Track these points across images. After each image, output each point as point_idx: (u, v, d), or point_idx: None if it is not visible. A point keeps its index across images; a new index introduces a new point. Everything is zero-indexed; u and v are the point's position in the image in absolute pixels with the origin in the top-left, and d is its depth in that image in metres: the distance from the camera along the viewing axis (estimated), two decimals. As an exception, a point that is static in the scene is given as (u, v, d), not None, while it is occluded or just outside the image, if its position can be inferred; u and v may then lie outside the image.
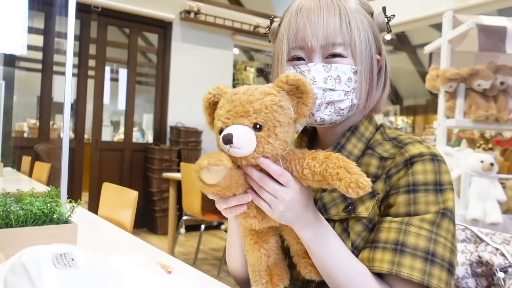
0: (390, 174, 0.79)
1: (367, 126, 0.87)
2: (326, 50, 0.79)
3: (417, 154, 0.77)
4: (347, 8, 0.78)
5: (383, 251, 0.72)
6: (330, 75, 0.78)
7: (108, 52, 5.26)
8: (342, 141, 0.85)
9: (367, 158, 0.83)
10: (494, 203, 2.20)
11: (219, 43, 5.83)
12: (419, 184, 0.75)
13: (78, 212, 1.01)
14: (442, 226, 0.73)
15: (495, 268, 0.95)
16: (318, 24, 0.77)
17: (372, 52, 0.81)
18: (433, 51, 2.82)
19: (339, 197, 0.82)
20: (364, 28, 0.80)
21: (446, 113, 2.51)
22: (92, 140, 5.07)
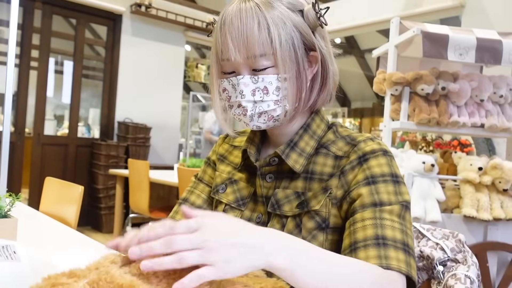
0: (344, 171, 0.80)
1: (319, 124, 0.88)
2: (251, 62, 0.77)
3: (370, 151, 0.80)
4: (266, 15, 0.76)
5: (365, 249, 0.70)
6: (257, 86, 0.78)
7: (53, 43, 5.03)
8: (294, 139, 0.85)
9: (322, 157, 0.84)
10: (434, 202, 2.31)
11: (170, 39, 5.74)
12: (377, 176, 0.77)
13: (18, 208, 0.96)
14: (406, 218, 0.75)
15: (435, 262, 1.00)
16: (239, 38, 0.76)
17: (298, 56, 0.79)
18: (381, 56, 2.92)
19: (292, 194, 0.82)
20: (287, 33, 0.77)
21: (392, 115, 2.60)
22: (34, 134, 4.84)
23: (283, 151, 0.83)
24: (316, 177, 0.82)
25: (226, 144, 1.01)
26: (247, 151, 0.89)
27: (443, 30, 2.46)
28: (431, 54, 2.37)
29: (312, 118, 0.87)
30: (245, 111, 0.79)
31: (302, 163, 0.83)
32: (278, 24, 0.76)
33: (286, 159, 0.83)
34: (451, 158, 2.68)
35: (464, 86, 2.45)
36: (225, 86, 0.81)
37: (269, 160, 0.85)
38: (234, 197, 0.90)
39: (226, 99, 0.82)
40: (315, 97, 0.85)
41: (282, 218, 0.81)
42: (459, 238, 1.04)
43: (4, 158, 1.00)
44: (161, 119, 5.62)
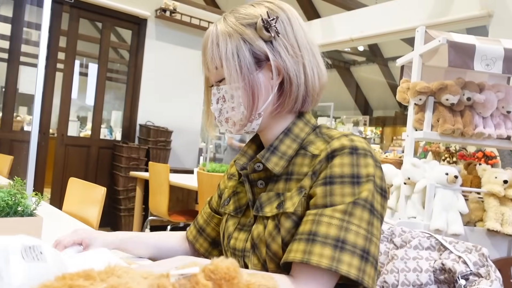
0: (315, 170, 0.81)
1: (303, 127, 0.90)
2: (213, 75, 0.89)
3: (338, 147, 0.80)
4: (218, 31, 0.86)
5: (298, 242, 0.75)
6: (219, 95, 0.89)
7: (79, 46, 5.14)
8: (274, 143, 0.89)
9: (300, 158, 0.86)
10: (456, 214, 2.26)
11: (193, 44, 5.79)
12: (335, 176, 0.77)
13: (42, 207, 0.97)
14: (354, 214, 0.74)
15: (457, 276, 0.98)
16: (203, 54, 0.89)
17: (246, 65, 0.84)
18: (405, 64, 2.89)
19: (274, 196, 0.85)
20: (232, 44, 0.84)
21: (415, 125, 2.57)
22: (58, 134, 4.93)
23: (263, 156, 0.87)
24: (294, 178, 0.85)
25: None
26: (235, 162, 0.96)
27: (470, 40, 2.42)
28: (457, 64, 2.33)
29: (294, 123, 0.91)
30: (215, 118, 0.92)
31: (282, 165, 0.86)
32: (225, 37, 0.85)
33: (266, 163, 0.86)
34: (475, 170, 2.63)
35: (490, 97, 2.40)
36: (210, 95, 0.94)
37: (254, 166, 0.89)
38: (234, 207, 0.96)
39: None
40: (280, 103, 0.88)
41: (264, 220, 0.84)
42: (482, 252, 1.01)
43: (32, 157, 1.02)
44: (182, 123, 5.66)
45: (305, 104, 0.91)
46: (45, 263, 0.61)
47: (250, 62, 0.84)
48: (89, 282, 0.51)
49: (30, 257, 0.60)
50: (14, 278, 0.57)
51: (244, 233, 0.89)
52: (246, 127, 0.88)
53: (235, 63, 0.84)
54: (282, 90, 0.88)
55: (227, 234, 0.93)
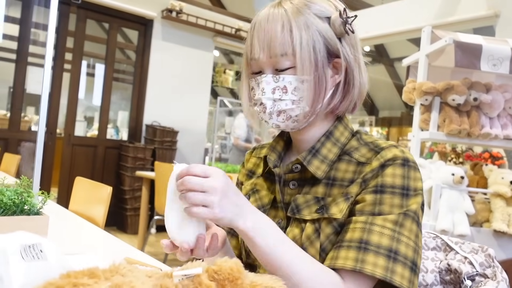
0: (366, 179, 0.80)
1: (343, 131, 0.88)
2: (274, 62, 0.82)
3: (391, 158, 0.79)
4: (291, 19, 0.80)
5: (347, 249, 0.73)
6: (278, 85, 0.82)
7: (86, 46, 5.16)
8: (316, 146, 0.86)
9: (344, 164, 0.84)
10: (463, 215, 2.26)
11: (199, 44, 5.81)
12: (386, 186, 0.77)
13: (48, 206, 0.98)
14: (405, 225, 0.75)
15: (463, 276, 0.97)
16: (264, 38, 0.81)
17: (318, 60, 0.81)
18: (411, 65, 2.88)
19: (312, 199, 0.83)
20: (309, 36, 0.80)
21: (421, 125, 2.56)
22: (65, 134, 4.96)
23: (305, 158, 0.85)
24: (337, 183, 0.83)
25: (253, 158, 1.04)
26: (267, 158, 0.91)
27: (476, 40, 2.41)
28: (463, 64, 2.33)
29: (335, 126, 0.88)
30: (265, 108, 0.83)
31: (324, 169, 0.84)
32: (301, 27, 0.80)
33: (307, 166, 0.84)
34: (482, 171, 2.62)
35: (497, 97, 2.39)
36: (253, 85, 0.86)
37: (292, 167, 0.86)
38: (256, 206, 0.91)
39: (253, 97, 0.87)
40: (336, 104, 0.86)
41: (301, 223, 0.82)
42: (488, 253, 1.01)
43: (38, 157, 1.03)
44: (188, 123, 5.68)
45: (354, 108, 0.90)
46: (45, 261, 0.60)
47: (323, 57, 0.82)
48: (93, 280, 0.51)
49: (30, 257, 0.59)
50: (15, 279, 0.57)
51: None
52: (297, 123, 0.84)
53: (310, 55, 0.80)
54: (338, 91, 0.86)
55: None
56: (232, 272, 0.57)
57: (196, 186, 0.66)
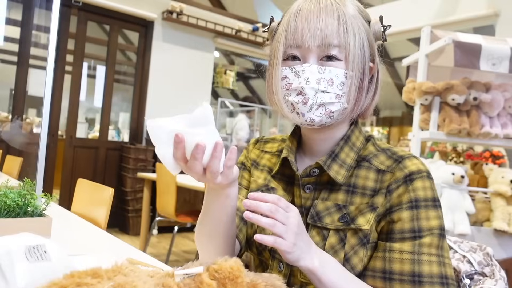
0: (391, 190, 0.80)
1: (358, 136, 0.88)
2: (322, 51, 0.79)
3: (416, 171, 0.80)
4: (345, 13, 0.79)
5: (401, 283, 0.75)
6: (323, 77, 0.78)
7: (87, 48, 5.18)
8: (336, 150, 0.85)
9: (364, 171, 0.84)
10: (463, 214, 2.26)
11: (200, 45, 5.82)
12: (420, 200, 0.78)
13: (51, 208, 0.99)
14: (444, 247, 0.78)
15: (462, 275, 0.98)
16: (316, 25, 0.77)
17: (365, 59, 0.81)
18: (411, 64, 2.89)
19: (333, 206, 0.82)
20: (360, 34, 0.80)
21: (421, 125, 2.57)
22: (66, 136, 4.98)
23: (325, 162, 0.83)
24: (359, 191, 0.82)
25: (256, 150, 1.01)
26: (289, 160, 0.88)
27: (476, 39, 2.41)
28: (463, 64, 2.33)
29: (352, 130, 0.88)
30: (306, 99, 0.78)
31: (343, 174, 0.83)
32: (354, 25, 0.80)
33: (328, 170, 0.82)
34: (482, 170, 2.62)
35: (496, 96, 2.40)
36: (286, 73, 0.81)
37: (310, 171, 0.85)
38: None
39: (285, 87, 0.81)
40: (367, 105, 0.86)
41: (323, 230, 0.81)
42: (487, 252, 1.01)
43: (41, 159, 1.04)
44: (189, 124, 5.68)
45: (373, 113, 0.90)
46: (49, 262, 0.61)
47: (368, 58, 0.82)
48: (96, 280, 0.52)
49: (34, 257, 0.60)
50: (20, 279, 0.57)
51: None
52: (331, 119, 0.81)
53: (360, 53, 0.80)
54: (369, 94, 0.86)
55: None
56: (233, 271, 0.58)
57: (282, 218, 0.67)
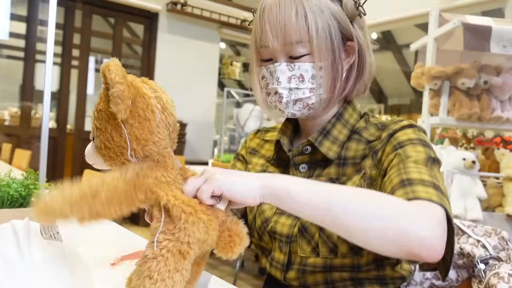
0: (376, 150, 0.80)
1: (352, 113, 0.88)
2: (289, 49, 0.78)
3: (398, 127, 0.80)
4: (304, 3, 0.76)
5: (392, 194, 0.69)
6: (293, 74, 0.79)
7: (93, 42, 5.17)
8: (327, 127, 0.85)
9: (354, 143, 0.84)
10: (475, 200, 2.23)
11: (205, 36, 5.79)
12: (404, 141, 0.77)
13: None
14: (434, 170, 0.72)
15: (476, 260, 0.96)
16: (276, 24, 0.77)
17: (335, 44, 0.79)
18: (419, 49, 2.84)
19: (327, 181, 0.82)
20: (324, 21, 0.77)
21: (430, 110, 2.53)
22: (75, 129, 5.00)
23: (316, 139, 0.83)
24: (350, 162, 0.82)
25: (257, 139, 1.02)
26: (280, 142, 0.88)
27: (486, 21, 2.36)
28: (473, 47, 2.28)
29: (345, 108, 0.87)
30: (281, 98, 0.80)
31: (335, 150, 0.83)
32: (315, 12, 0.77)
33: (319, 147, 0.83)
34: (493, 155, 2.58)
35: (508, 80, 2.35)
36: (264, 73, 0.83)
37: (302, 149, 0.85)
38: None
39: (264, 87, 0.84)
40: (350, 87, 0.85)
41: None
42: (502, 236, 0.99)
43: (43, 150, 1.03)
44: (196, 116, 5.68)
45: (365, 90, 0.88)
46: (61, 242, 0.62)
47: (339, 41, 0.80)
48: None
49: (48, 235, 0.62)
50: (35, 254, 0.58)
51: (288, 218, 0.83)
52: (313, 110, 0.82)
53: (327, 41, 0.77)
54: (352, 74, 0.84)
55: (263, 218, 0.87)
56: None
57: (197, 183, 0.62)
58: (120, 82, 0.55)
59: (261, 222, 0.88)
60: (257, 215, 0.90)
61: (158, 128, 0.61)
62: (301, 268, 0.82)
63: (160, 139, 0.61)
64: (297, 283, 0.83)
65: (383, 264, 0.81)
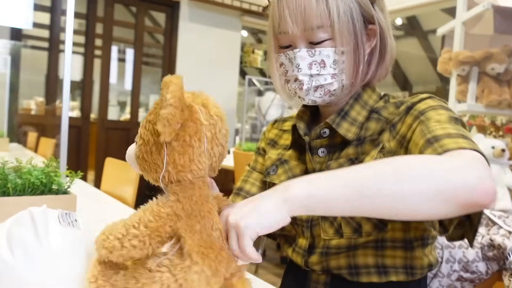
0: (394, 123, 0.77)
1: (371, 94, 0.85)
2: (309, 35, 0.76)
3: (417, 100, 0.77)
4: None
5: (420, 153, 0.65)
6: (314, 60, 0.77)
7: (116, 32, 5.20)
8: (345, 108, 0.82)
9: (373, 123, 0.81)
10: (504, 189, 2.16)
11: (227, 24, 5.76)
12: (424, 109, 0.73)
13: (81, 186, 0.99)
14: (458, 125, 0.68)
15: (508, 252, 0.92)
16: (296, 9, 0.75)
17: (357, 28, 0.77)
18: (446, 34, 2.76)
19: (346, 162, 0.80)
20: (345, 4, 0.75)
21: (458, 97, 2.46)
22: (98, 119, 5.07)
23: (334, 120, 0.81)
24: (368, 139, 0.80)
25: (275, 129, 1.00)
26: (296, 126, 0.87)
27: (518, 3, 2.27)
28: (503, 30, 2.20)
29: (363, 89, 0.85)
30: (301, 85, 0.78)
31: (354, 131, 0.81)
32: None
33: (337, 128, 0.80)
34: (524, 143, 2.49)
35: (540, 64, 2.26)
36: (282, 60, 0.81)
37: (320, 132, 0.83)
38: (286, 177, 0.88)
39: (283, 74, 0.82)
40: (372, 72, 0.83)
41: None
42: (535, 227, 0.95)
43: (63, 139, 1.04)
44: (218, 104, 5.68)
45: (386, 74, 0.86)
46: (79, 230, 0.61)
47: (361, 25, 0.78)
48: None
49: (66, 222, 0.61)
50: (52, 240, 0.58)
51: None
52: (335, 97, 0.80)
53: (348, 25, 0.75)
54: (373, 58, 0.82)
55: None
56: None
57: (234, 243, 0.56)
58: (173, 106, 0.53)
59: None
60: None
61: (200, 157, 0.58)
62: (324, 251, 0.80)
63: (199, 169, 0.58)
64: (319, 267, 0.81)
65: (413, 246, 0.78)
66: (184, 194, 0.56)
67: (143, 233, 0.53)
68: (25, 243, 0.55)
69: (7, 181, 0.83)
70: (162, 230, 0.54)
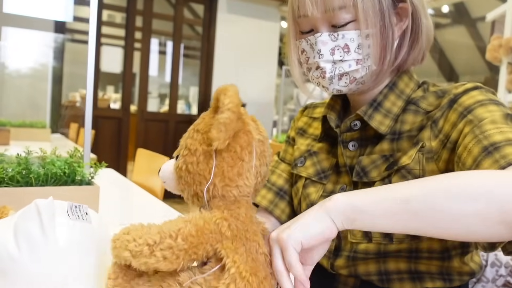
0: (436, 119, 0.69)
1: (408, 82, 0.77)
2: (330, 17, 0.69)
3: (460, 91, 0.69)
4: None
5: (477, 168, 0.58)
6: (337, 44, 0.70)
7: (155, 25, 5.26)
8: (378, 98, 0.75)
9: (410, 116, 0.73)
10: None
11: (265, 15, 5.70)
12: (471, 105, 0.65)
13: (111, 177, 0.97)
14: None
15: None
16: None
17: (384, 7, 0.69)
18: (496, 20, 2.60)
19: (379, 158, 0.73)
20: None
21: (508, 86, 2.31)
22: (138, 110, 5.15)
23: (365, 112, 0.74)
24: (405, 135, 0.72)
25: (305, 117, 0.94)
26: (327, 117, 0.80)
27: None
28: (561, 14, 2.03)
29: (399, 76, 0.77)
30: (324, 73, 0.72)
31: (388, 124, 0.73)
32: None
33: (369, 121, 0.73)
34: None
35: None
36: (304, 47, 0.74)
37: (350, 124, 0.76)
38: (314, 170, 0.82)
39: (305, 61, 0.75)
40: (404, 56, 0.74)
41: (371, 185, 0.71)
42: None
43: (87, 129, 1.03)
44: (256, 96, 5.65)
45: (423, 58, 0.78)
46: (89, 224, 0.58)
47: (389, 3, 0.70)
48: None
49: (75, 216, 0.58)
50: (59, 235, 0.55)
51: None
52: (362, 85, 0.74)
53: (374, 4, 0.68)
54: (405, 40, 0.74)
55: (308, 202, 0.80)
56: None
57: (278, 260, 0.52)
58: (232, 111, 0.51)
59: (306, 206, 0.81)
60: (302, 199, 0.83)
61: (248, 172, 0.54)
62: (351, 255, 0.74)
63: (246, 185, 0.54)
64: (346, 272, 0.75)
65: (450, 255, 0.71)
66: (231, 212, 0.53)
67: (180, 247, 0.48)
68: (31, 237, 0.53)
69: (30, 171, 0.82)
70: (201, 247, 0.50)
